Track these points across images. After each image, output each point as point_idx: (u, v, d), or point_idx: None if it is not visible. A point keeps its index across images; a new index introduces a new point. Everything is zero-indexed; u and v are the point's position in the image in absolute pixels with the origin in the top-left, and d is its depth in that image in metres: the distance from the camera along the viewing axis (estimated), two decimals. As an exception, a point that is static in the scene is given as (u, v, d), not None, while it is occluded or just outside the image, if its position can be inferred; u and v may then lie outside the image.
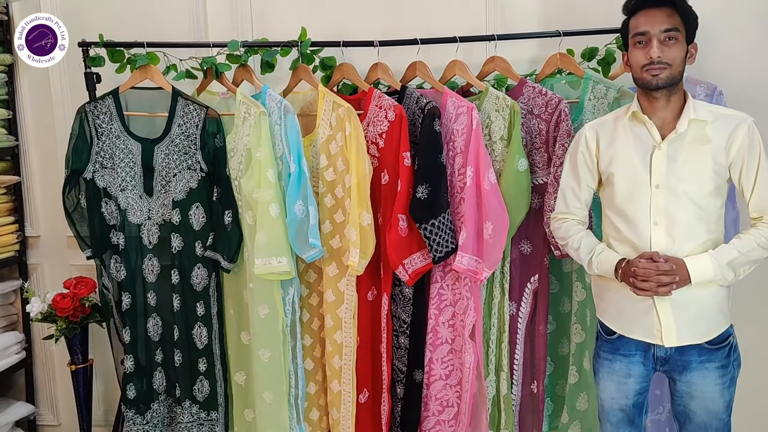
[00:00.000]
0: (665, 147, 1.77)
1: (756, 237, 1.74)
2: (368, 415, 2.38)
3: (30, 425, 3.04)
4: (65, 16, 2.60)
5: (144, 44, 2.39)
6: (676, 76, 1.74)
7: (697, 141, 1.76)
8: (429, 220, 2.17)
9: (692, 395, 1.81)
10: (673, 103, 1.78)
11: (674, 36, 1.73)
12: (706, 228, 1.76)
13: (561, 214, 1.98)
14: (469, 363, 2.24)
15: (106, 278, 2.44)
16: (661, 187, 1.76)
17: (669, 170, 1.76)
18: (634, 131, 1.82)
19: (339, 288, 2.31)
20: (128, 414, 2.45)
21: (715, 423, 1.82)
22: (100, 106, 2.36)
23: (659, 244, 1.76)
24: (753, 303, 2.39)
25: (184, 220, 2.34)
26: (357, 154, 2.19)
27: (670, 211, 1.75)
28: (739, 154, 1.75)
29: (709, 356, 1.78)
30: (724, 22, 2.39)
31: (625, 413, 1.89)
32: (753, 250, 1.73)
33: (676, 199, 1.75)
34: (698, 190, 1.75)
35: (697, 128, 1.76)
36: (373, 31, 2.46)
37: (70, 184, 2.37)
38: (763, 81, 2.41)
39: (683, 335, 1.77)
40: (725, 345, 1.80)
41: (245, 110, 2.27)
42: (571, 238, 1.92)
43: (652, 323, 1.79)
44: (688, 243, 1.75)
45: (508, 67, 2.34)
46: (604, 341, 1.91)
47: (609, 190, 1.86)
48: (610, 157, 1.85)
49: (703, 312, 1.78)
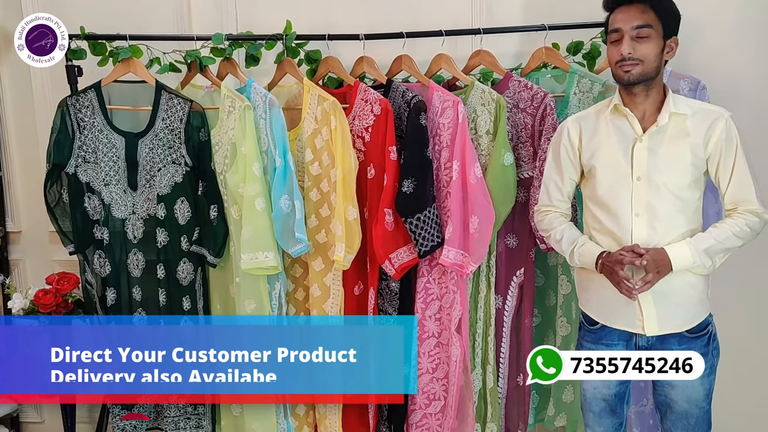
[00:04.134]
0: (646, 140, 1.79)
1: (731, 226, 1.78)
2: (354, 407, 2.38)
3: (13, 422, 3.01)
4: (47, 8, 2.56)
5: (127, 37, 2.36)
6: (649, 72, 1.76)
7: (676, 134, 1.79)
8: (414, 214, 2.17)
9: (672, 384, 1.84)
10: (651, 97, 1.81)
11: (646, 33, 1.74)
12: (685, 219, 1.80)
13: (544, 206, 1.99)
14: (455, 356, 2.25)
15: (89, 273, 2.42)
16: (643, 179, 1.79)
17: (650, 162, 1.78)
18: (616, 124, 1.84)
19: (325, 283, 2.30)
20: (115, 410, 2.43)
21: (695, 411, 1.86)
22: (82, 100, 2.33)
23: (640, 235, 1.79)
24: (734, 295, 2.43)
25: (169, 214, 2.32)
26: (342, 148, 2.18)
27: (651, 202, 1.78)
28: (717, 148, 1.78)
29: (689, 344, 1.82)
30: (709, 17, 2.41)
31: (608, 403, 1.92)
32: (728, 239, 1.77)
33: (656, 191, 1.78)
34: (678, 182, 1.78)
35: (677, 122, 1.79)
36: (359, 24, 2.44)
37: (52, 178, 2.35)
38: (746, 76, 2.43)
39: (664, 324, 1.81)
40: (705, 333, 1.84)
41: (230, 104, 2.25)
42: (554, 230, 1.94)
43: (633, 313, 1.82)
44: (668, 234, 1.78)
45: (493, 61, 2.34)
46: (586, 331, 1.94)
47: (591, 183, 1.88)
48: (592, 149, 1.87)
49: (683, 301, 1.82)
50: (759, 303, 2.54)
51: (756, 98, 2.42)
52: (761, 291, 2.54)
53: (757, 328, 2.53)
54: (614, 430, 1.95)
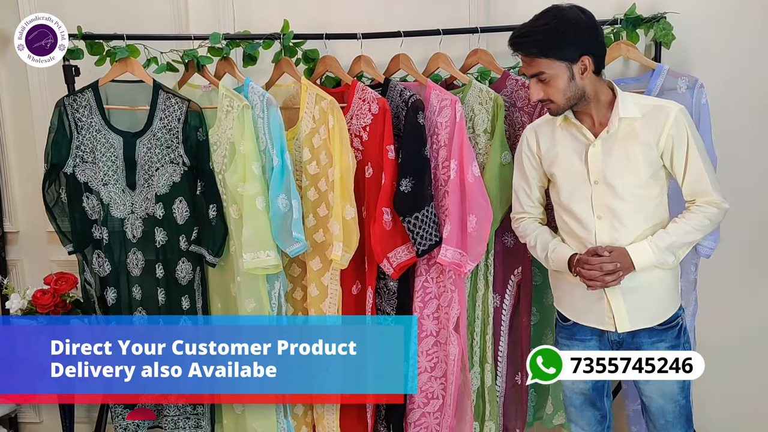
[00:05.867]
0: (599, 144, 1.84)
1: (690, 220, 1.82)
2: (353, 407, 2.38)
3: (12, 423, 3.00)
4: (43, 8, 2.56)
5: (124, 37, 2.36)
6: (568, 102, 1.80)
7: (627, 137, 1.82)
8: (412, 213, 2.17)
9: (647, 380, 1.87)
10: (597, 105, 1.84)
11: (544, 78, 1.78)
12: (646, 216, 1.84)
13: (517, 213, 2.05)
14: (453, 355, 2.26)
15: (88, 273, 2.41)
16: (600, 182, 1.84)
17: (605, 166, 1.83)
18: (570, 131, 1.89)
19: (323, 282, 2.30)
20: (117, 409, 2.43)
21: (670, 406, 1.89)
22: (80, 100, 2.33)
23: (604, 236, 1.84)
24: (719, 292, 2.45)
25: (167, 214, 2.32)
26: (340, 148, 2.18)
27: (611, 204, 1.83)
28: (668, 143, 1.81)
29: (659, 336, 1.86)
30: (704, 14, 2.41)
31: (586, 396, 1.97)
32: (688, 233, 1.81)
33: (614, 192, 1.82)
34: (634, 181, 1.82)
35: (626, 125, 1.82)
36: (357, 23, 2.44)
37: (50, 178, 2.34)
38: (742, 73, 2.44)
39: (634, 320, 1.86)
40: (674, 325, 1.88)
41: (228, 103, 2.25)
42: (528, 237, 2.00)
43: (603, 311, 1.87)
44: (631, 233, 1.83)
45: (491, 59, 2.35)
46: (561, 328, 1.99)
47: (554, 189, 1.95)
48: (551, 158, 1.93)
49: (652, 296, 1.86)
50: (753, 302, 2.55)
51: (756, 98, 2.43)
52: (754, 291, 2.55)
53: (748, 327, 2.55)
54: (597, 422, 1.99)
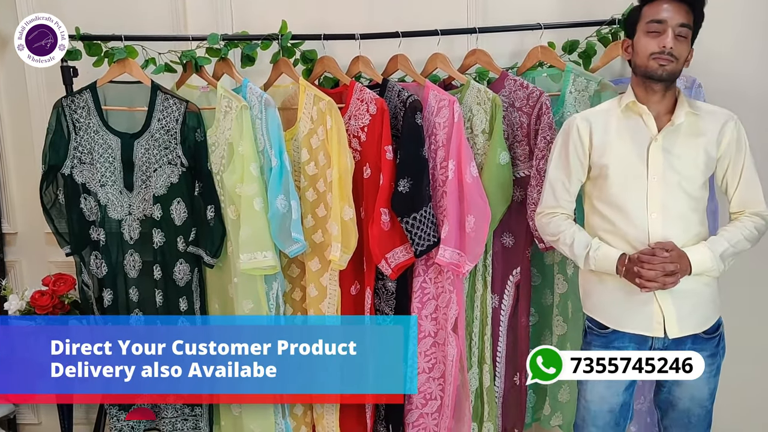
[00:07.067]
0: (661, 139, 1.78)
1: (741, 230, 1.79)
2: (352, 407, 2.38)
3: (10, 424, 3.00)
4: (42, 8, 2.56)
5: (122, 37, 2.36)
6: (677, 72, 1.76)
7: (691, 133, 1.79)
8: (410, 213, 2.17)
9: (679, 383, 1.84)
10: (667, 98, 1.80)
11: (685, 33, 1.75)
12: (698, 218, 1.80)
13: (549, 208, 1.93)
14: (452, 356, 2.26)
15: (86, 275, 2.41)
16: (658, 178, 1.78)
17: (665, 162, 1.77)
18: (628, 123, 1.82)
19: (322, 283, 2.30)
20: (112, 411, 2.43)
21: (697, 410, 1.86)
22: (78, 101, 2.32)
23: (656, 235, 1.77)
24: (738, 295, 2.43)
25: (165, 215, 2.32)
26: (338, 148, 2.18)
27: (666, 202, 1.77)
28: (728, 150, 1.79)
29: (702, 345, 1.82)
30: (706, 15, 2.41)
31: (613, 414, 1.89)
32: (740, 242, 1.78)
33: (671, 190, 1.77)
34: (692, 181, 1.78)
35: (691, 121, 1.79)
36: (355, 24, 2.44)
37: (48, 180, 2.34)
38: (744, 75, 2.44)
39: (684, 325, 1.80)
40: (717, 335, 1.85)
41: (226, 104, 2.25)
42: (562, 234, 1.88)
43: (651, 315, 1.79)
44: (683, 234, 1.77)
45: (489, 60, 2.34)
46: (595, 336, 1.88)
47: (601, 182, 1.85)
48: (603, 148, 1.84)
49: (700, 302, 1.82)
50: (761, 303, 2.55)
51: (757, 98, 2.43)
52: (763, 291, 2.54)
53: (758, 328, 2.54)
54: None
